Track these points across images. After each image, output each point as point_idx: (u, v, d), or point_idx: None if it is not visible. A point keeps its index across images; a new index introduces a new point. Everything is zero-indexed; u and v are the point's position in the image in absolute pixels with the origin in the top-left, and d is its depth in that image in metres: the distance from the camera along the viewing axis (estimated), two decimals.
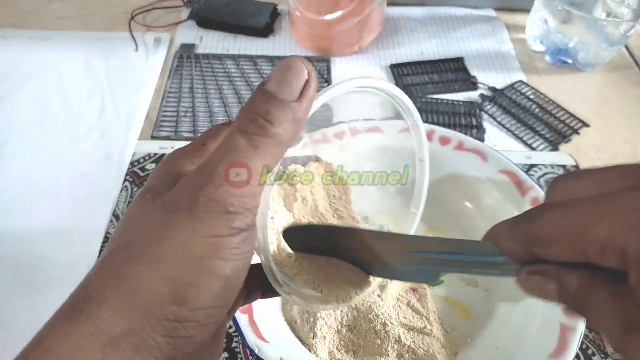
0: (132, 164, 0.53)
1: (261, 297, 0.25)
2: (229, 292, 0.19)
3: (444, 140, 0.48)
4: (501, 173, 0.45)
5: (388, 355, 0.38)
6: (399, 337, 0.38)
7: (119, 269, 0.18)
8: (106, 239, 0.48)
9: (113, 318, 0.17)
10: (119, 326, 0.17)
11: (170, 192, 0.19)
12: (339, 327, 0.39)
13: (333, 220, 0.31)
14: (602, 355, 0.41)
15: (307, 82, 0.19)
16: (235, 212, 0.18)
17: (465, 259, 0.20)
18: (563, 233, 0.16)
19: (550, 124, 0.59)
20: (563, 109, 0.61)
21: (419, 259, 0.23)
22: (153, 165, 0.52)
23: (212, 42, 0.68)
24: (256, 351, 0.34)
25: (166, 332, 0.18)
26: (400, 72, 0.65)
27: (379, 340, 0.38)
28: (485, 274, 0.20)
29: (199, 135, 0.49)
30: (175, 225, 0.18)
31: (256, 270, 0.23)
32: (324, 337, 0.38)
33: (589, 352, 0.41)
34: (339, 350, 0.38)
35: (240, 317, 0.35)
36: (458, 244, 0.21)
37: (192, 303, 0.18)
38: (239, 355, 0.39)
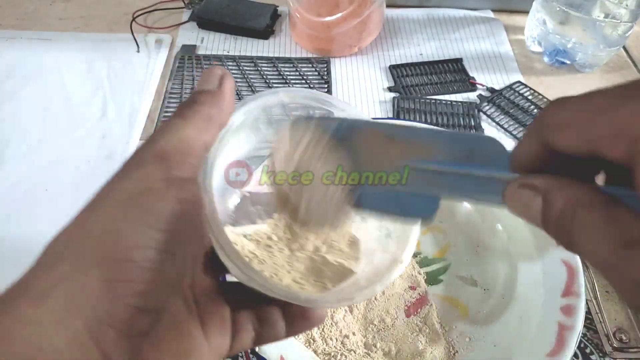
0: None
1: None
2: (167, 234, 0.19)
3: None
4: None
5: (384, 350, 0.38)
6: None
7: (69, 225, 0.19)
8: None
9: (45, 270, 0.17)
10: (52, 275, 0.17)
11: None
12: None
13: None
14: (601, 354, 0.41)
15: (222, 76, 0.23)
16: (174, 161, 0.20)
17: (468, 172, 0.20)
18: (580, 116, 0.15)
19: None
20: None
21: (420, 176, 0.22)
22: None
23: (213, 44, 0.69)
24: (257, 349, 0.34)
25: (101, 273, 0.17)
26: (400, 73, 0.65)
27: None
28: (483, 198, 0.20)
29: None
30: (116, 175, 0.20)
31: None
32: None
33: (587, 350, 0.41)
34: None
35: None
36: (467, 143, 0.20)
37: (123, 239, 0.18)
38: (240, 353, 0.40)
